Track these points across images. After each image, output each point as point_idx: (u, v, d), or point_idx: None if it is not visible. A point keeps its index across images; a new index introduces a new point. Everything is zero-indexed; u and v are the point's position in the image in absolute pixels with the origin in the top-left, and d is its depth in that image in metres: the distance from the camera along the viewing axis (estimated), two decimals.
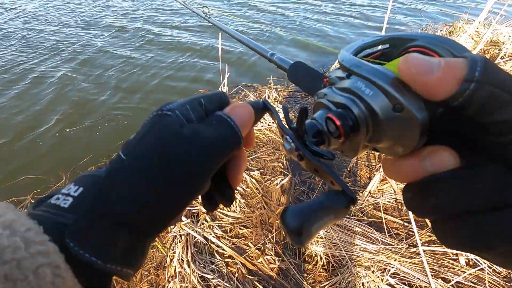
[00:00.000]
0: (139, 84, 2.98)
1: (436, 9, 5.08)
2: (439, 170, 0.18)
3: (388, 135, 0.20)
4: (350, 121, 0.22)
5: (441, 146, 0.19)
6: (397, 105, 0.19)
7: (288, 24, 4.35)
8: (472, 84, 0.16)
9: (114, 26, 4.27)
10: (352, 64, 0.22)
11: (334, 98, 0.23)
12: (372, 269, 1.36)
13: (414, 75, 0.18)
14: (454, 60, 0.17)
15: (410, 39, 0.23)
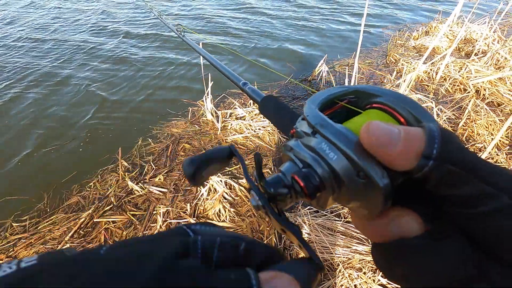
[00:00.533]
0: (121, 99, 2.94)
1: (413, 8, 5.25)
2: (403, 235, 0.19)
3: (353, 198, 0.21)
4: (315, 181, 0.21)
5: (406, 211, 0.19)
6: (361, 173, 0.19)
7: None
8: (430, 161, 0.17)
9: (89, 42, 4.20)
10: (317, 122, 0.22)
11: (300, 154, 0.23)
12: (363, 270, 1.37)
13: (375, 146, 0.18)
14: (413, 133, 0.18)
15: (374, 95, 0.24)
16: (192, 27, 4.48)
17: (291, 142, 0.24)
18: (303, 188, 0.22)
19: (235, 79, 0.54)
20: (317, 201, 0.23)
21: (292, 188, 0.22)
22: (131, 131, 2.48)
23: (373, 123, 0.18)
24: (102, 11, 5.29)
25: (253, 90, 0.47)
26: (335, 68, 3.32)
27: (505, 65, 3.05)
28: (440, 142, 0.17)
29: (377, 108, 0.24)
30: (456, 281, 0.17)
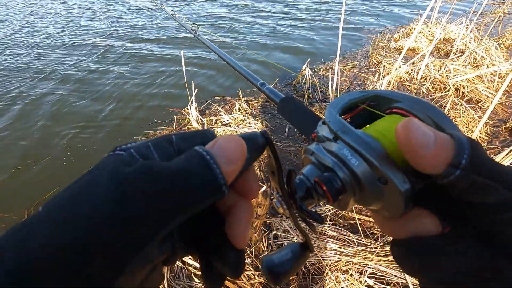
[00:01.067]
0: (103, 111, 2.90)
1: (392, 11, 5.39)
2: (420, 234, 0.20)
3: (374, 202, 0.22)
4: (337, 184, 0.22)
5: (424, 212, 0.20)
6: (382, 178, 0.20)
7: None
8: (458, 170, 0.17)
9: (71, 54, 4.16)
10: (338, 128, 0.22)
11: (321, 159, 0.23)
12: (350, 272, 1.37)
13: (410, 144, 0.18)
14: (445, 139, 0.18)
15: (394, 100, 0.24)
16: None
17: (312, 146, 0.24)
18: (325, 191, 0.22)
19: (253, 79, 0.53)
20: (339, 203, 0.24)
21: (314, 191, 0.23)
22: (115, 142, 2.45)
23: (413, 121, 0.18)
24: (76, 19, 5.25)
25: (271, 91, 0.46)
26: (319, 72, 3.36)
27: (482, 63, 3.14)
28: (469, 153, 0.17)
29: (397, 113, 0.24)
30: (471, 281, 0.17)
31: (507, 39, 3.92)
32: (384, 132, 0.22)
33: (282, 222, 1.58)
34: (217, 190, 0.17)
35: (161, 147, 0.19)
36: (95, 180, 0.16)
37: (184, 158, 0.17)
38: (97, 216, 0.14)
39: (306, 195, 0.23)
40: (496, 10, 5.20)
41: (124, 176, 0.16)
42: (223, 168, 0.17)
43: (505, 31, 4.17)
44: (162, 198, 0.15)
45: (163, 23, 5.05)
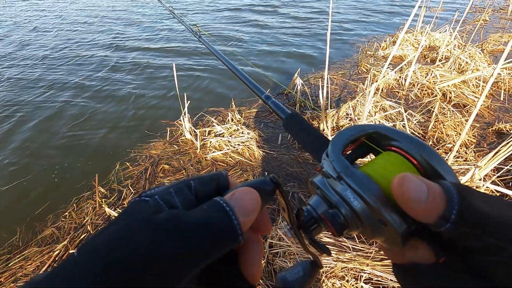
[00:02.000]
0: (95, 123, 2.89)
1: (380, 20, 5.55)
2: (417, 261, 0.22)
3: (375, 237, 0.24)
4: (340, 220, 0.24)
5: (420, 243, 0.23)
6: (382, 220, 0.22)
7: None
8: (448, 224, 0.19)
9: (59, 67, 4.17)
10: (341, 170, 0.24)
11: (327, 195, 0.25)
12: (346, 278, 1.37)
13: (405, 199, 0.20)
14: (436, 193, 0.20)
15: (392, 138, 0.26)
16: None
17: (318, 180, 0.26)
18: (330, 227, 0.25)
19: (258, 91, 0.53)
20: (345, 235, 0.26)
21: (320, 221, 0.26)
22: (107, 156, 2.44)
23: (407, 178, 0.20)
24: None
25: (277, 105, 0.46)
26: (310, 81, 3.42)
27: (466, 69, 3.24)
28: (459, 207, 0.19)
29: (395, 152, 0.25)
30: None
31: (489, 45, 4.06)
32: (382, 172, 0.24)
33: (277, 230, 1.58)
34: (235, 238, 0.19)
35: (182, 193, 0.21)
36: (130, 228, 0.18)
37: (207, 209, 0.20)
38: (137, 259, 0.16)
39: (313, 225, 0.26)
40: (477, 17, 5.40)
41: (157, 225, 0.18)
42: (241, 219, 0.20)
43: (487, 37, 4.32)
44: (189, 246, 0.18)
45: (152, 33, 5.11)
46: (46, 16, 6.59)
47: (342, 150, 0.26)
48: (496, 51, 3.96)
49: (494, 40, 4.20)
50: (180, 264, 0.17)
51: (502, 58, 1.46)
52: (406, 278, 0.23)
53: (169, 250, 0.17)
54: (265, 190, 0.23)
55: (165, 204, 0.20)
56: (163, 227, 0.18)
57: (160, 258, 0.16)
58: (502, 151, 1.72)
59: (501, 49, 3.95)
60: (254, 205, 0.21)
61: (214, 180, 0.23)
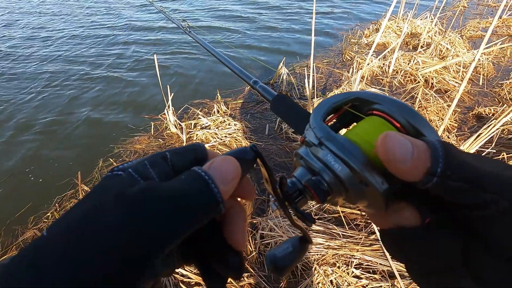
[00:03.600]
0: (75, 119, 2.78)
1: (362, 8, 5.55)
2: (403, 225, 0.22)
3: (359, 201, 0.24)
4: (324, 187, 0.24)
5: (405, 205, 0.22)
6: (363, 181, 0.22)
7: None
8: (434, 178, 0.18)
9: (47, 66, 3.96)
10: (322, 135, 0.25)
11: (309, 164, 0.25)
12: (337, 264, 1.39)
13: (389, 159, 0.19)
14: (421, 150, 0.19)
15: (374, 102, 0.26)
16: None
17: (301, 151, 0.26)
18: (313, 194, 0.24)
19: (246, 77, 0.53)
20: (329, 201, 0.26)
21: (305, 192, 0.25)
22: (90, 152, 2.35)
23: (390, 136, 0.19)
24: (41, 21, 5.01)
25: (264, 89, 0.47)
26: (295, 70, 3.40)
27: (447, 55, 3.31)
28: (444, 159, 0.18)
29: (377, 115, 0.25)
30: (440, 266, 0.20)
31: (468, 31, 4.15)
32: (364, 135, 0.24)
33: (268, 221, 1.58)
34: (216, 208, 0.19)
35: (157, 164, 0.20)
36: (103, 203, 0.17)
37: (185, 179, 0.19)
38: (110, 235, 0.15)
39: (299, 196, 0.25)
40: (456, 4, 5.50)
41: (131, 199, 0.17)
42: (221, 188, 0.19)
43: (466, 23, 4.42)
44: (167, 218, 0.17)
45: (129, 21, 4.91)
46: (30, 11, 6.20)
47: (324, 117, 0.27)
48: (475, 36, 4.06)
49: (472, 26, 4.30)
50: (159, 237, 0.16)
51: (483, 43, 1.48)
52: (392, 243, 0.23)
53: (145, 223, 0.16)
54: (245, 159, 0.23)
55: (140, 177, 0.19)
56: (137, 199, 0.17)
57: (136, 233, 0.16)
58: (482, 134, 1.77)
59: (479, 35, 4.06)
60: (234, 173, 0.20)
61: (191, 152, 0.23)
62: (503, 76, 3.09)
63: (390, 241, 0.23)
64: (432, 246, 0.20)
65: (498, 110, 2.47)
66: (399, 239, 0.22)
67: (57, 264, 0.14)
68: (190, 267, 1.46)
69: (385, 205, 0.22)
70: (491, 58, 3.32)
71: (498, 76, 3.11)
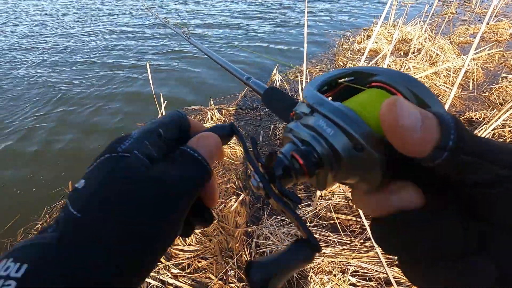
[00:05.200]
0: (67, 127, 2.74)
1: (355, 14, 5.64)
2: (404, 207, 0.18)
3: (351, 173, 0.21)
4: (314, 158, 0.21)
5: (407, 183, 0.19)
6: (358, 145, 0.19)
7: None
8: (445, 153, 0.16)
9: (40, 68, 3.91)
10: (315, 101, 0.22)
11: (299, 134, 0.23)
12: (333, 272, 1.38)
13: (398, 128, 0.16)
14: (431, 120, 0.16)
15: (373, 74, 0.23)
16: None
17: (290, 124, 0.24)
18: (302, 165, 0.22)
19: (239, 74, 0.54)
20: (317, 180, 0.23)
21: (292, 168, 0.22)
22: (82, 161, 2.31)
23: (400, 100, 0.16)
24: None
25: (256, 84, 0.47)
26: (289, 76, 3.42)
27: (437, 60, 3.37)
28: (455, 134, 0.16)
29: (378, 87, 0.23)
30: (453, 252, 0.17)
31: (457, 36, 4.24)
32: (363, 104, 0.21)
33: (263, 229, 1.56)
34: (208, 177, 0.24)
35: (155, 143, 0.23)
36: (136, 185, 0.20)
37: (182, 162, 0.23)
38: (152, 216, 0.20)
39: (284, 174, 0.22)
40: (445, 11, 5.63)
41: (154, 182, 0.21)
42: (209, 161, 0.24)
43: (455, 29, 4.51)
44: (181, 193, 0.21)
45: (126, 30, 4.90)
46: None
47: (320, 90, 0.24)
48: (463, 42, 4.14)
49: (461, 32, 4.39)
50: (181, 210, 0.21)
51: (472, 49, 1.51)
52: (390, 231, 0.19)
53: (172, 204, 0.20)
54: (224, 134, 0.28)
55: (145, 157, 0.22)
56: (160, 186, 0.20)
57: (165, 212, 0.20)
58: None
59: (468, 41, 4.14)
60: (217, 147, 0.25)
61: (177, 124, 0.26)
62: (492, 81, 3.15)
63: (389, 231, 0.19)
64: (443, 229, 0.17)
65: (489, 114, 2.51)
66: (401, 226, 0.18)
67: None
68: (184, 280, 1.43)
69: (381, 174, 0.19)
70: (480, 63, 3.39)
71: (487, 81, 3.17)
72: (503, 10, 5.19)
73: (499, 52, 3.63)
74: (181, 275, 1.47)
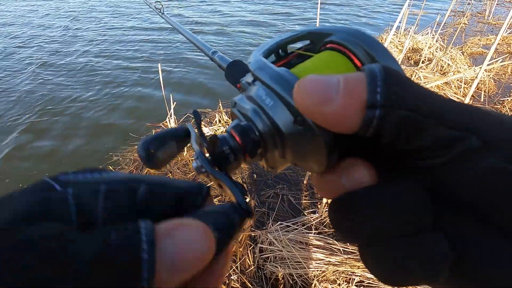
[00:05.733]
0: (73, 125, 2.78)
1: (365, 22, 5.64)
2: (355, 187, 0.17)
3: (295, 151, 0.18)
4: (254, 135, 0.19)
5: (358, 160, 0.17)
6: (298, 118, 0.17)
7: None
8: (377, 110, 0.14)
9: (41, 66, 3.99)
10: (256, 67, 0.19)
11: (242, 108, 0.20)
12: (338, 281, 1.36)
13: (309, 106, 0.14)
14: (354, 79, 0.14)
15: (327, 34, 0.21)
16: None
17: (236, 97, 0.22)
18: (240, 144, 0.19)
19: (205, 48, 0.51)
20: (266, 161, 0.21)
21: (235, 148, 0.20)
22: (86, 160, 2.34)
23: (307, 77, 0.15)
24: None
25: (222, 58, 0.44)
26: None
27: (448, 71, 3.33)
28: (384, 83, 0.14)
29: (330, 49, 0.21)
30: (406, 230, 0.15)
31: (469, 47, 4.20)
32: (310, 69, 0.19)
33: (268, 235, 1.55)
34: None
35: (116, 198, 0.14)
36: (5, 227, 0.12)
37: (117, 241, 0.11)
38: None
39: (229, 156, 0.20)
40: (457, 21, 5.59)
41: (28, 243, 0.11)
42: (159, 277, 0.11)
43: (467, 40, 4.47)
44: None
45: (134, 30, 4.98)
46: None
47: (265, 54, 0.21)
48: (475, 53, 4.10)
49: (473, 43, 4.35)
50: None
51: (486, 60, 1.49)
52: (340, 213, 0.17)
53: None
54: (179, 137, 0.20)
55: (77, 207, 0.13)
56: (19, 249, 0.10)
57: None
58: None
59: (480, 52, 4.10)
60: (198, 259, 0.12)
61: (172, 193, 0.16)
62: (504, 93, 3.10)
63: (338, 210, 0.17)
64: (396, 206, 0.15)
65: None
66: (354, 207, 0.16)
67: None
68: None
69: (327, 154, 0.17)
70: (492, 74, 3.35)
71: (499, 93, 3.13)
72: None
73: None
74: None
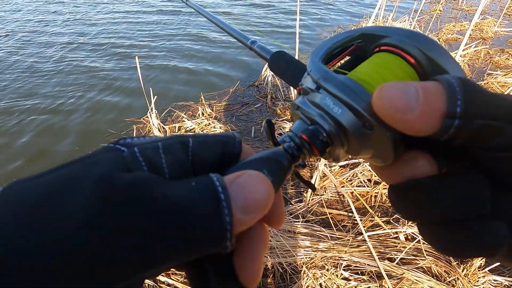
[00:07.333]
0: (49, 124, 2.65)
1: (344, 10, 5.66)
2: (415, 176, 0.19)
3: (363, 150, 0.20)
4: (323, 137, 0.21)
5: (419, 153, 0.19)
6: (367, 123, 0.19)
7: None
8: (456, 120, 0.15)
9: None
10: (319, 76, 0.21)
11: (307, 112, 0.22)
12: (326, 267, 1.39)
13: (391, 113, 0.16)
14: (432, 89, 0.15)
15: (381, 36, 0.22)
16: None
17: (298, 100, 0.23)
18: (311, 146, 0.21)
19: (243, 38, 0.51)
20: (330, 155, 0.23)
21: (302, 147, 0.22)
22: (63, 160, 2.25)
23: (386, 86, 0.16)
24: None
25: (262, 48, 0.44)
26: None
27: None
28: (463, 95, 0.15)
29: (385, 51, 0.21)
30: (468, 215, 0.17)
31: (444, 34, 4.32)
32: (370, 74, 0.21)
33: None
34: (219, 244, 0.14)
35: (173, 151, 0.16)
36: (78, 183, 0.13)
37: (193, 189, 0.14)
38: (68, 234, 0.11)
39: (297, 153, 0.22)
40: (433, 8, 5.71)
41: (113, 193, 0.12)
42: (237, 217, 0.14)
43: (442, 26, 4.59)
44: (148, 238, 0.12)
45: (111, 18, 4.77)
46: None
47: (324, 59, 0.23)
48: (450, 39, 4.22)
49: (448, 29, 4.47)
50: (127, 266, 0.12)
51: (461, 46, 1.54)
52: (405, 200, 0.19)
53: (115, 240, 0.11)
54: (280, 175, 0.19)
55: (145, 162, 0.15)
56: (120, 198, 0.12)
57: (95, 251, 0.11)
58: None
59: (455, 38, 4.22)
60: (263, 200, 0.15)
61: (219, 144, 0.18)
62: (477, 78, 3.22)
63: (403, 197, 0.19)
64: (455, 195, 0.17)
65: None
66: (413, 194, 0.19)
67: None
68: (176, 278, 1.41)
69: (393, 152, 0.19)
70: (466, 60, 3.46)
71: (473, 78, 3.25)
72: (488, 8, 5.31)
73: (485, 50, 3.72)
74: (174, 273, 1.45)
